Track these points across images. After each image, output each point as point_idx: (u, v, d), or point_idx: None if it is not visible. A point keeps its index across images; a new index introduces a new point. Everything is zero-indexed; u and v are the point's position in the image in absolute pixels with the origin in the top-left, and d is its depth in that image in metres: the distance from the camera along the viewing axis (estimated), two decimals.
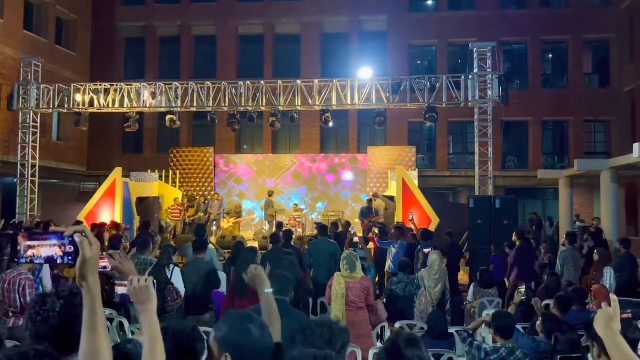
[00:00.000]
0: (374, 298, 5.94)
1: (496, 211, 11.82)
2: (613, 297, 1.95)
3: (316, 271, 8.34)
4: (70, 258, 1.70)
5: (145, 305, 1.83)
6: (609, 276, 8.10)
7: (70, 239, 1.70)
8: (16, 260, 1.79)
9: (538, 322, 4.64)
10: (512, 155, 22.08)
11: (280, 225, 12.13)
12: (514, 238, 9.72)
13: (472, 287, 8.01)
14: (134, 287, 1.85)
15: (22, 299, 5.71)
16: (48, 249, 1.73)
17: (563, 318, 5.01)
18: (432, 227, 12.32)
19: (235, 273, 6.64)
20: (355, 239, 9.52)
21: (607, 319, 1.89)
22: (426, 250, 8.19)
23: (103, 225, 12.41)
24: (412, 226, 11.54)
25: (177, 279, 5.71)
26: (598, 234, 13.19)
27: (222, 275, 7.09)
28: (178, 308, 5.46)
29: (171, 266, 5.75)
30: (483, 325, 5.71)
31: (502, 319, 4.32)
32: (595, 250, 9.26)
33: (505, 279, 9.22)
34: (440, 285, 7.19)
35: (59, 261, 1.73)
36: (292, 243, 9.28)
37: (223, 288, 6.66)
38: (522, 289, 5.82)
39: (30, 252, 1.73)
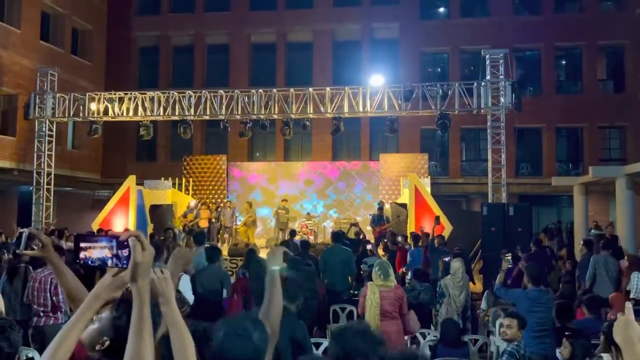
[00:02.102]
0: (407, 307, 5.93)
1: (510, 218, 11.73)
2: (627, 305, 1.93)
3: (329, 278, 8.31)
4: (124, 262, 1.76)
5: (166, 296, 1.86)
6: (635, 281, 7.92)
7: (125, 242, 1.76)
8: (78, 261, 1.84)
9: (525, 278, 5.43)
10: (525, 162, 21.91)
11: (293, 232, 12.19)
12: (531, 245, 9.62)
13: (485, 294, 7.94)
14: (153, 279, 1.86)
15: (54, 298, 5.73)
16: (99, 250, 1.80)
17: (566, 325, 4.98)
18: (446, 235, 12.25)
19: (247, 280, 6.66)
20: (369, 246, 9.53)
21: (625, 327, 1.86)
22: (446, 259, 8.12)
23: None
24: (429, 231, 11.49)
25: (185, 287, 5.71)
26: (613, 240, 12.99)
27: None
28: (185, 316, 5.46)
29: (180, 273, 5.76)
30: (498, 335, 5.67)
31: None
32: (626, 256, 9.05)
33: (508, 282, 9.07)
34: (465, 292, 7.12)
35: (109, 263, 1.80)
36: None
37: None
38: (509, 256, 5.95)
39: (82, 254, 1.80)
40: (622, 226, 14.65)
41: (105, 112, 16.04)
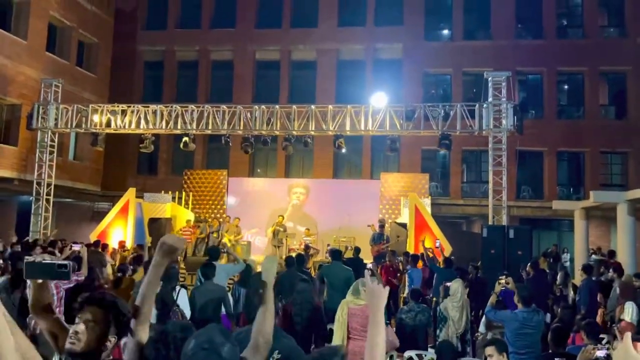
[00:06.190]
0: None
1: (510, 241, 11.66)
2: (627, 334, 1.92)
3: (330, 297, 8.20)
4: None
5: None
6: (630, 310, 7.79)
7: None
8: None
9: (515, 298, 5.41)
10: (526, 185, 21.86)
11: (307, 247, 12.18)
12: (527, 269, 9.55)
13: (484, 318, 7.83)
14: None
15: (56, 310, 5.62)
16: None
17: (559, 350, 4.90)
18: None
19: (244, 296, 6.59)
20: (369, 265, 9.46)
21: (624, 356, 1.85)
22: (448, 284, 8.02)
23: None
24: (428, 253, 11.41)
25: (182, 301, 5.66)
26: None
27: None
28: None
29: (177, 287, 5.71)
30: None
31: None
32: (617, 283, 8.94)
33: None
34: (465, 313, 7.01)
35: None
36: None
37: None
38: (502, 279, 5.87)
39: None
40: (622, 252, 14.56)
41: (108, 124, 16.08)
